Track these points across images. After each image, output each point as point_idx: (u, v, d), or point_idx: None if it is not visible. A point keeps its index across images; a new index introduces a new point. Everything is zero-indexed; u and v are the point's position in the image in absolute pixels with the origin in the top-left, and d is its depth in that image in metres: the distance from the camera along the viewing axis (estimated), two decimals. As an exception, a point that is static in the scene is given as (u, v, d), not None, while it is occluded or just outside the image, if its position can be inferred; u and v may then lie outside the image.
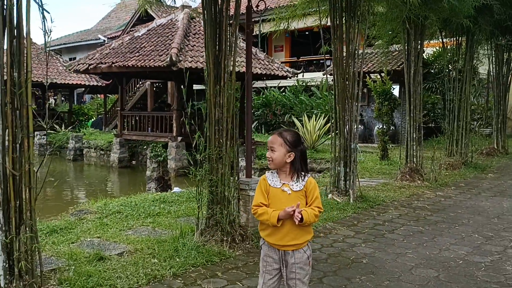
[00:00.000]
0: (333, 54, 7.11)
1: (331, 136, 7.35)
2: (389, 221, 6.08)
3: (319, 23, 7.43)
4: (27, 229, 3.38)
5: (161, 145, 14.68)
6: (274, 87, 22.68)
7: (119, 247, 4.77)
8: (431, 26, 9.78)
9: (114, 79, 19.02)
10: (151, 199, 7.04)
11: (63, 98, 29.78)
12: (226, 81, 5.03)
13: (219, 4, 4.96)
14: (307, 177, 2.78)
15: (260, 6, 5.98)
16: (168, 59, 13.29)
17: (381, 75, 15.17)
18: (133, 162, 17.55)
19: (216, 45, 5.06)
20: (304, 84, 22.30)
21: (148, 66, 14.15)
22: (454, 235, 5.48)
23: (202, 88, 20.12)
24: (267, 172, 2.90)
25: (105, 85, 24.27)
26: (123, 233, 5.28)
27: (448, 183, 9.05)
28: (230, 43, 5.05)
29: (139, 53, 15.02)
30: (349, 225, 5.86)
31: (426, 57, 16.06)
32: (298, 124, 14.60)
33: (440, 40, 11.46)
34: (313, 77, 22.71)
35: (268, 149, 2.83)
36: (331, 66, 16.23)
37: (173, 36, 15.05)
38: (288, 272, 2.80)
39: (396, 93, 14.84)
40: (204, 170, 4.99)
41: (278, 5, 9.61)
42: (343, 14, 6.99)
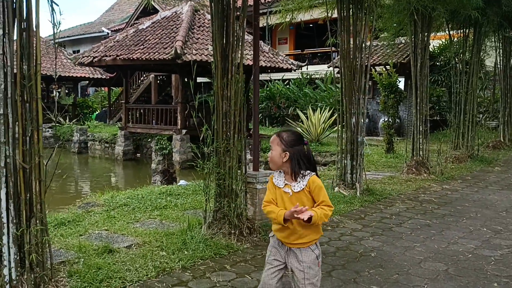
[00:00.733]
0: (339, 46, 7.06)
1: (338, 129, 7.32)
2: (396, 214, 6.07)
3: (326, 15, 7.38)
4: (38, 221, 3.39)
5: (166, 138, 14.68)
6: (278, 80, 22.62)
7: (127, 239, 4.78)
8: (438, 18, 9.70)
9: (118, 72, 18.99)
10: (157, 192, 7.05)
11: (67, 91, 29.78)
12: (233, 74, 5.01)
13: (226, -4, 4.92)
14: (309, 176, 2.70)
15: (267, -2, 5.94)
16: (173, 52, 13.25)
17: (386, 67, 15.10)
18: (138, 154, 17.57)
19: (223, 37, 5.03)
20: (308, 77, 22.23)
21: (152, 59, 14.12)
22: (462, 229, 5.46)
23: (207, 81, 20.15)
24: (275, 171, 2.88)
25: (109, 78, 24.26)
26: (130, 225, 5.29)
27: (455, 177, 9.02)
28: (237, 35, 5.02)
29: (143, 45, 14.98)
30: (356, 218, 5.86)
31: (432, 49, 15.97)
32: (302, 117, 14.56)
33: (447, 32, 11.37)
34: (317, 69, 22.64)
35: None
36: (337, 58, 16.14)
37: (177, 28, 14.99)
38: (297, 272, 2.77)
39: (402, 86, 14.77)
40: (212, 163, 4.98)
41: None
42: (350, 6, 6.94)
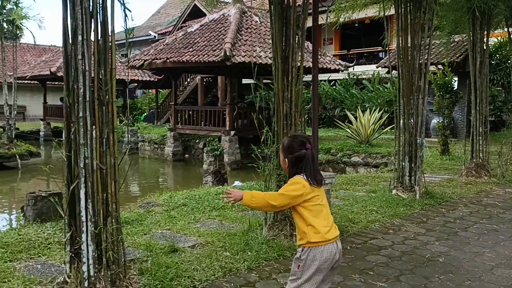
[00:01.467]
0: (397, 45, 6.91)
1: (394, 130, 7.17)
2: (460, 218, 5.87)
3: (382, 14, 7.24)
4: (113, 220, 3.50)
5: (216, 139, 14.87)
6: (324, 80, 22.43)
7: (190, 239, 4.86)
8: (498, 16, 9.32)
9: (166, 74, 19.40)
10: (213, 192, 7.13)
11: (117, 93, 30.74)
12: (293, 76, 5.01)
13: (287, -2, 4.92)
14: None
15: (327, -3, 5.89)
16: (222, 54, 13.40)
17: (438, 66, 14.66)
18: (186, 155, 17.87)
19: (283, 39, 5.03)
20: (355, 77, 21.92)
21: (201, 61, 14.32)
22: (532, 235, 5.22)
23: (253, 82, 20.21)
24: None
25: (156, 80, 24.83)
26: (192, 225, 5.38)
27: (517, 179, 8.64)
28: (298, 37, 5.00)
29: (192, 48, 15.23)
30: (418, 222, 5.71)
31: (487, 47, 15.34)
32: (351, 118, 14.35)
33: (505, 30, 10.90)
34: (364, 70, 22.29)
35: None
36: (385, 58, 15.80)
37: (226, 31, 15.15)
38: None
39: (455, 85, 14.28)
40: (273, 164, 4.99)
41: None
42: (408, 3, 6.78)
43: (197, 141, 17.42)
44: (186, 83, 25.15)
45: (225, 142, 14.88)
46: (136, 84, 27.70)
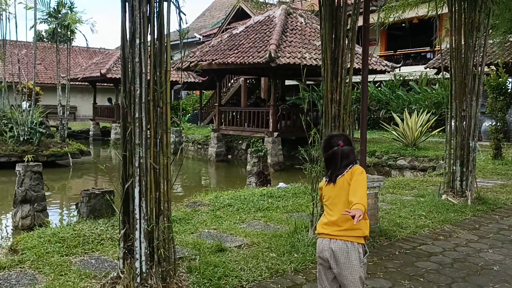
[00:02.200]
0: (450, 46, 6.71)
1: (446, 133, 6.96)
2: (515, 226, 5.64)
3: (435, 12, 7.04)
4: (165, 218, 3.59)
5: (260, 140, 14.94)
6: (370, 81, 22.03)
7: (236, 239, 4.91)
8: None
9: (211, 75, 19.65)
10: (258, 193, 7.17)
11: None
12: (343, 78, 4.96)
13: (338, -1, 4.88)
14: None
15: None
16: (267, 55, 13.43)
17: (491, 67, 14.10)
18: (229, 156, 18.04)
19: (333, 40, 4.99)
20: (401, 78, 21.42)
21: (246, 63, 14.41)
22: None
23: (295, 83, 20.16)
24: None
25: (201, 81, 25.21)
26: (237, 226, 5.43)
27: None
28: (348, 38, 4.95)
29: (237, 50, 15.36)
30: (470, 228, 5.52)
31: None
32: (398, 120, 14.03)
33: None
34: (411, 71, 21.73)
35: None
36: (434, 59, 15.36)
37: (271, 32, 15.18)
38: None
39: (510, 87, 13.69)
40: (320, 166, 4.96)
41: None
42: (462, 2, 6.56)
43: (240, 142, 17.54)
44: (230, 84, 25.40)
45: (268, 143, 14.90)
46: (180, 86, 28.26)
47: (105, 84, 26.34)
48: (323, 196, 2.90)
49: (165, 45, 3.55)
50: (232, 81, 25.41)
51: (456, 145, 6.66)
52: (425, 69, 17.48)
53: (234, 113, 17.73)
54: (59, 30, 17.57)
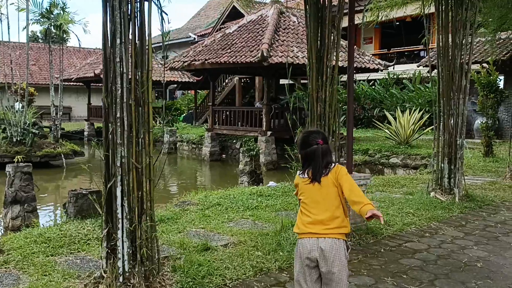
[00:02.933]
0: (437, 44, 6.74)
1: (434, 131, 6.99)
2: (502, 223, 5.67)
3: (422, 11, 7.06)
4: (148, 218, 3.60)
5: (252, 139, 14.95)
6: (363, 80, 22.11)
7: (223, 238, 4.93)
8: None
9: (205, 75, 19.66)
10: (248, 192, 7.19)
11: (157, 94, 31.41)
12: (328, 76, 4.98)
13: (322, -2, 4.90)
14: None
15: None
16: (259, 54, 13.45)
17: (483, 65, 14.15)
18: (223, 155, 18.05)
19: (318, 39, 5.01)
20: (395, 76, 21.49)
21: (239, 62, 14.43)
22: None
23: (290, 82, 20.21)
24: None
25: (195, 81, 25.20)
26: (225, 225, 5.45)
27: None
28: (333, 37, 4.97)
29: (230, 49, 15.36)
30: (456, 225, 5.55)
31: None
32: (390, 118, 14.08)
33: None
34: (404, 69, 21.80)
35: None
36: (427, 57, 15.43)
37: (263, 31, 15.20)
38: None
39: (501, 85, 13.75)
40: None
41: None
42: (449, 1, 6.59)
43: (234, 141, 17.55)
44: (224, 84, 25.41)
45: (261, 142, 14.93)
46: (175, 85, 28.24)
47: (100, 85, 26.05)
48: (302, 194, 2.87)
49: (147, 45, 3.56)
50: (227, 80, 25.41)
51: (444, 142, 6.69)
52: (418, 67, 17.53)
53: (227, 113, 17.75)
54: (53, 31, 17.53)
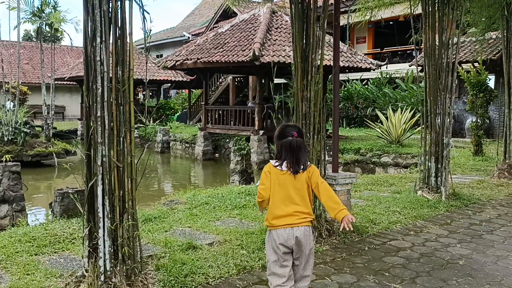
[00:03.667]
0: (424, 44, 6.77)
1: (421, 130, 7.03)
2: (486, 221, 5.71)
3: (410, 11, 7.10)
4: (129, 217, 3.60)
5: (244, 138, 14.97)
6: (356, 79, 22.17)
7: (209, 237, 4.94)
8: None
9: (198, 74, 19.66)
10: (236, 191, 7.20)
11: (151, 94, 31.37)
12: (313, 75, 5.00)
13: (307, -3, 4.91)
14: None
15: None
16: (251, 54, 13.46)
17: (474, 64, 14.23)
18: (216, 155, 18.06)
19: (304, 39, 5.03)
20: (388, 76, 21.56)
21: (231, 61, 14.44)
22: (562, 239, 5.01)
23: (284, 82, 20.27)
24: None
25: (189, 80, 25.20)
26: (212, 223, 5.46)
27: (553, 182, 8.29)
28: (318, 37, 4.99)
29: (222, 48, 15.37)
30: (441, 223, 5.59)
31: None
32: (382, 117, 14.13)
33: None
34: (397, 68, 21.87)
35: None
36: (419, 56, 15.55)
37: (255, 31, 15.22)
38: None
39: (492, 84, 13.83)
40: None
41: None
42: (435, 0, 6.63)
43: (227, 140, 17.57)
44: (218, 83, 25.40)
45: (254, 141, 14.95)
46: (169, 84, 28.21)
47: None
48: (274, 185, 2.97)
49: (128, 44, 3.57)
50: (221, 79, 25.41)
51: (431, 141, 6.73)
52: (410, 66, 17.59)
53: (220, 112, 17.76)
54: (46, 29, 17.47)
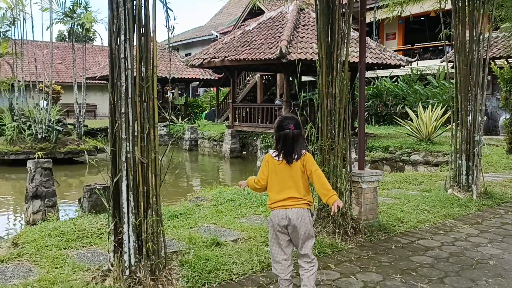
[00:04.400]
0: (454, 39, 6.59)
1: (451, 128, 6.85)
2: (519, 220, 5.52)
3: (439, 7, 6.92)
4: (153, 213, 3.64)
5: (271, 136, 14.94)
6: (386, 76, 21.81)
7: (233, 234, 4.95)
8: None
9: (226, 72, 19.75)
10: (262, 189, 7.17)
11: (179, 92, 31.70)
12: (338, 72, 4.93)
13: (332, -7, 4.85)
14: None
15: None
16: (278, 51, 13.41)
17: (508, 60, 13.78)
18: (244, 152, 18.11)
19: (329, 35, 4.97)
20: (418, 72, 21.12)
21: (258, 59, 14.42)
22: None
23: (311, 79, 20.11)
24: None
25: (217, 78, 25.33)
26: (237, 220, 5.47)
27: None
28: (343, 32, 4.92)
29: (250, 46, 15.38)
30: (472, 223, 5.43)
31: None
32: (412, 115, 13.84)
33: None
34: (428, 65, 21.40)
35: None
36: (451, 52, 15.17)
37: (282, 28, 15.15)
38: None
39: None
40: (316, 161, 4.94)
41: (392, -10, 9.14)
42: (466, -6, 6.44)
43: (255, 138, 17.58)
44: (246, 81, 25.43)
45: (281, 139, 14.89)
46: (198, 83, 28.44)
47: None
48: (272, 173, 3.27)
49: (151, 41, 3.60)
50: (249, 77, 25.44)
51: (462, 139, 6.55)
52: (442, 62, 17.17)
53: (248, 110, 17.77)
54: (78, 30, 17.88)
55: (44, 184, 7.68)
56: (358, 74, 5.45)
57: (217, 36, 31.91)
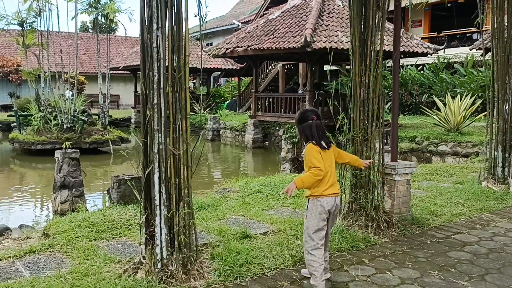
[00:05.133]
0: (491, 25, 6.32)
1: (486, 117, 6.61)
2: (561, 215, 5.29)
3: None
4: (185, 205, 3.58)
5: (294, 126, 14.81)
6: (411, 65, 21.34)
7: (262, 226, 4.87)
8: None
9: (248, 62, 19.59)
10: (289, 180, 7.08)
11: (201, 82, 31.70)
12: (372, 60, 4.77)
13: (366, -22, 4.67)
14: (306, 145, 3.49)
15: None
16: (303, 40, 13.21)
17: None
18: (266, 142, 18.00)
19: (362, 22, 4.80)
20: (445, 61, 20.60)
21: (282, 48, 14.24)
22: None
23: (334, 68, 19.82)
24: None
25: (239, 68, 25.20)
26: (265, 212, 5.39)
27: None
28: (377, 19, 4.75)
29: (273, 35, 15.18)
30: (510, 217, 5.24)
31: None
32: (440, 104, 13.50)
33: None
34: (456, 53, 20.85)
35: None
36: (481, 39, 14.71)
37: (307, 16, 14.90)
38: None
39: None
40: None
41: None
42: (505, -22, 6.16)
43: (277, 128, 17.44)
44: (268, 70, 25.25)
45: (304, 129, 14.72)
46: (219, 72, 28.37)
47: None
48: (324, 160, 3.42)
49: (184, 30, 3.51)
50: (270, 67, 25.23)
51: (498, 129, 6.31)
52: (470, 50, 16.68)
53: (270, 100, 17.62)
54: (102, 20, 17.97)
55: (72, 174, 7.73)
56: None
57: (238, 25, 31.73)
